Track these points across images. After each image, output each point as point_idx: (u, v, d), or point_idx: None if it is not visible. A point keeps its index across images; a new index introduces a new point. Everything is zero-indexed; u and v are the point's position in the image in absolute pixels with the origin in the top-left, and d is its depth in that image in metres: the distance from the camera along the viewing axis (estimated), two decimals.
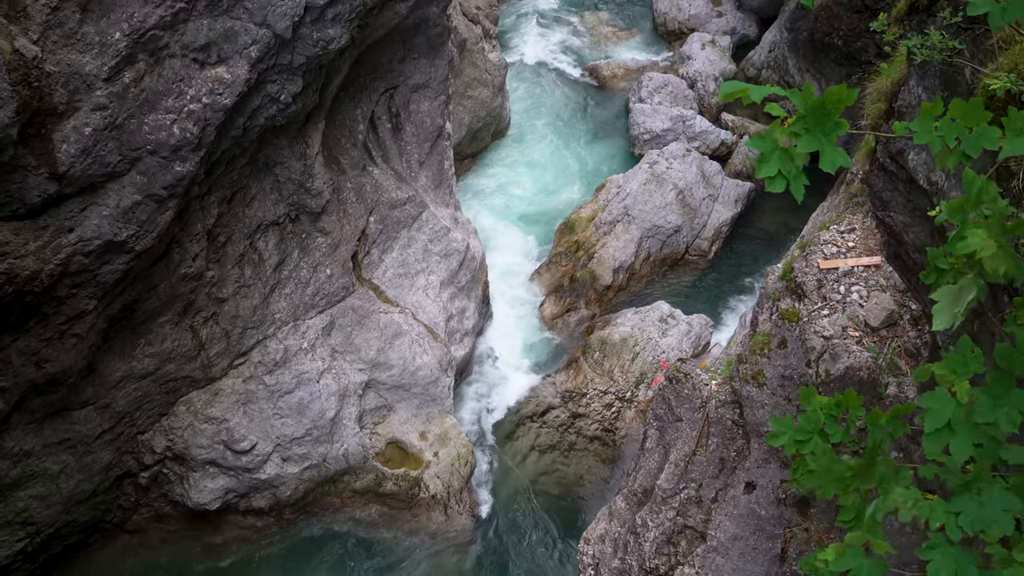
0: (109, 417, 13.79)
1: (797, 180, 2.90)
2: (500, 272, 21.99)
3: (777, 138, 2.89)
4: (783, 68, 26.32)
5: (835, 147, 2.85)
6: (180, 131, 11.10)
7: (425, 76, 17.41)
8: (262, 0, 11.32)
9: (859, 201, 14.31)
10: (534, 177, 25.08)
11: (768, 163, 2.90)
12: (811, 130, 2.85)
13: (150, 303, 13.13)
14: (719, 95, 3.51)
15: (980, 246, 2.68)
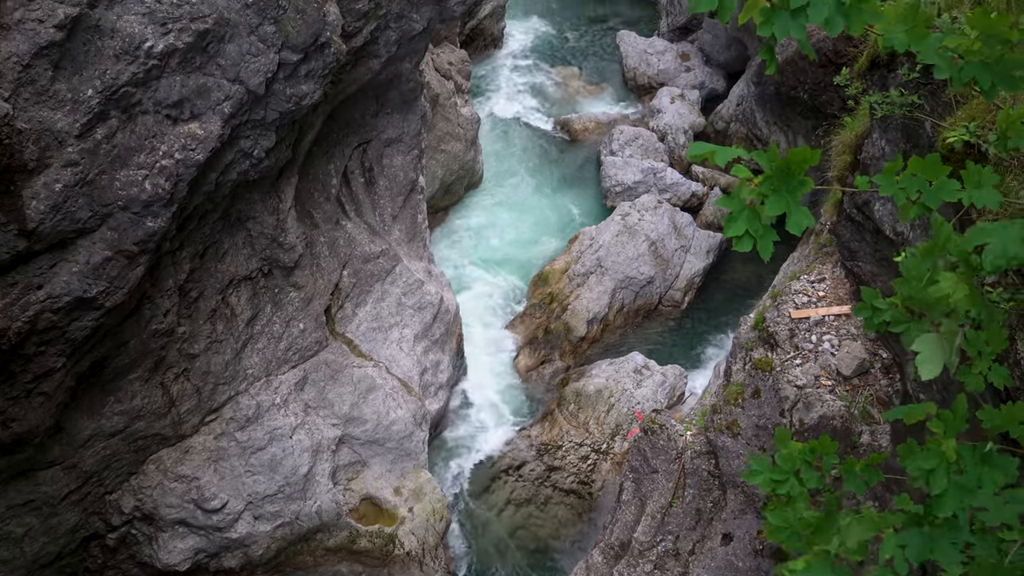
0: (76, 477, 13.53)
1: (764, 239, 2.95)
2: (474, 324, 21.97)
3: (744, 198, 2.95)
4: (751, 121, 26.77)
5: (800, 208, 2.91)
6: (152, 187, 11.08)
7: (398, 131, 17.55)
8: (235, 57, 11.40)
9: (828, 251, 14.48)
10: (507, 230, 25.21)
11: (736, 222, 2.96)
12: (777, 191, 2.91)
13: (120, 360, 12.98)
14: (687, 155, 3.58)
15: (952, 289, 2.73)
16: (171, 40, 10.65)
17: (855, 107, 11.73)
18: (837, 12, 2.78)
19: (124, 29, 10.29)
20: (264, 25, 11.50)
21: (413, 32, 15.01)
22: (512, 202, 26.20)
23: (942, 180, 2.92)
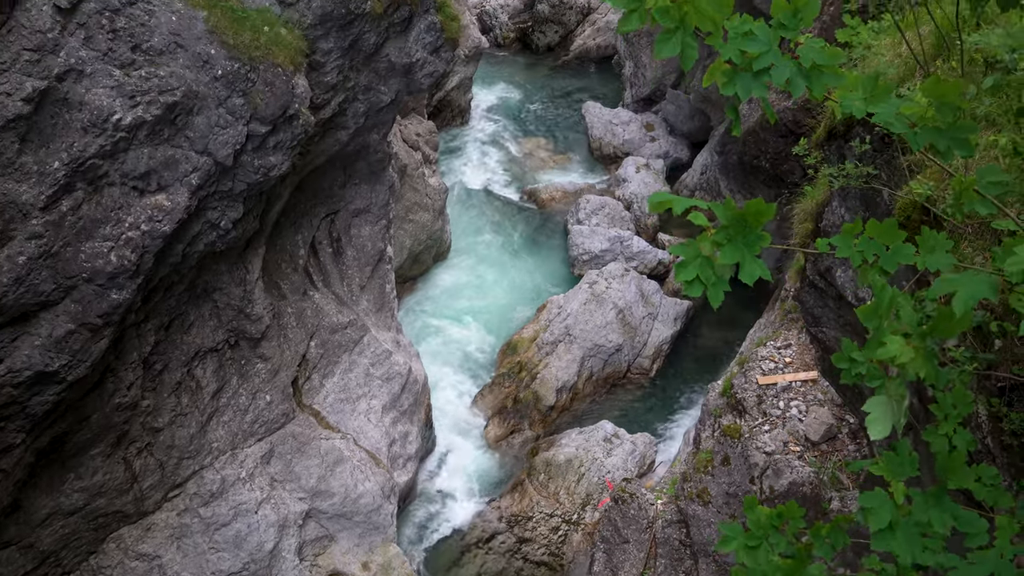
0: (33, 558, 13.12)
1: (716, 287, 3.00)
2: (443, 395, 21.84)
3: (700, 247, 3.01)
4: (715, 189, 27.23)
5: (755, 260, 2.96)
6: (117, 259, 11.01)
7: (366, 201, 17.63)
8: (204, 129, 11.46)
9: (793, 317, 14.65)
10: (476, 299, 25.25)
11: (687, 268, 3.02)
12: (733, 240, 2.97)
13: (82, 435, 12.73)
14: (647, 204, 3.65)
15: (899, 352, 2.77)
16: (139, 113, 10.70)
17: (815, 176, 11.99)
18: (798, 75, 2.87)
19: (92, 102, 10.34)
20: (233, 98, 11.60)
21: (381, 104, 15.20)
22: (480, 271, 26.30)
23: (898, 244, 3.00)
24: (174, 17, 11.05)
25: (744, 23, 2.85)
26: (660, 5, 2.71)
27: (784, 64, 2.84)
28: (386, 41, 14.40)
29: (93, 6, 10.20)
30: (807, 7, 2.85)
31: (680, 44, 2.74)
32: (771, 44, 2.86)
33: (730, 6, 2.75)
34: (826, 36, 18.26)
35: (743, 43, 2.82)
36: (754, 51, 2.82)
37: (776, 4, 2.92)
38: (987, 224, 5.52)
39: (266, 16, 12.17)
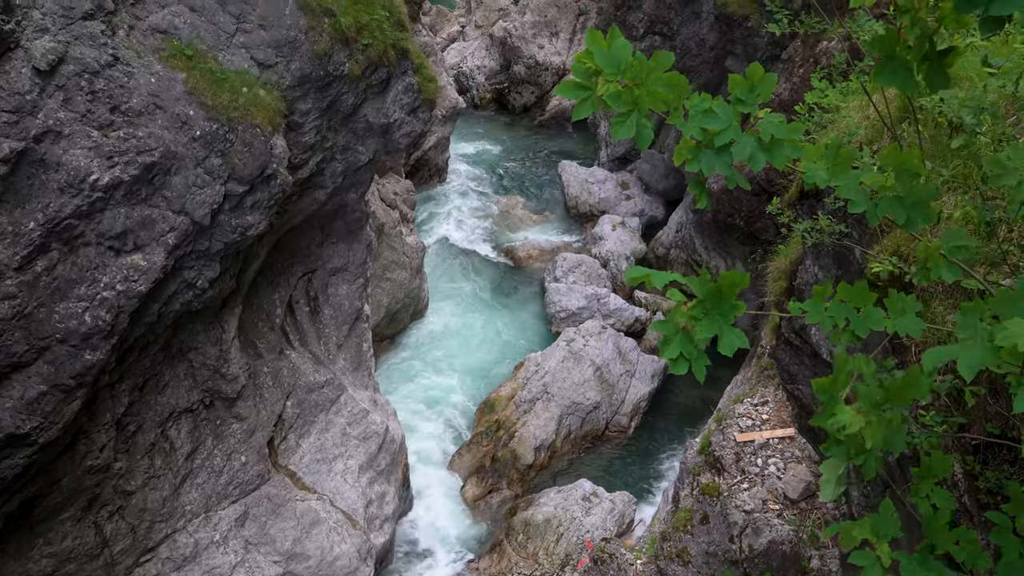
0: None
1: (699, 361, 3.03)
2: (421, 454, 21.65)
3: (678, 322, 3.04)
4: (690, 247, 27.47)
5: (733, 329, 3.00)
6: (92, 319, 10.93)
7: (343, 260, 17.66)
8: (181, 189, 11.49)
9: (770, 374, 14.71)
10: (453, 357, 25.19)
11: (671, 345, 3.04)
12: (709, 314, 3.01)
13: (52, 498, 12.49)
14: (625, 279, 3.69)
15: (849, 422, 2.81)
16: (117, 173, 10.72)
17: (788, 234, 12.14)
18: (759, 149, 2.94)
19: (70, 163, 10.36)
20: (211, 158, 11.66)
21: (359, 163, 15.31)
22: (457, 329, 26.28)
23: (868, 309, 3.05)
24: (153, 79, 11.14)
25: (704, 101, 2.93)
26: (611, 92, 2.77)
27: (745, 140, 2.92)
28: (364, 102, 14.56)
29: (72, 68, 10.27)
30: (763, 83, 2.93)
31: (635, 126, 2.80)
32: (731, 120, 2.93)
33: (686, 87, 2.82)
34: (796, 97, 18.65)
35: (704, 121, 2.89)
36: (715, 128, 2.90)
37: (733, 81, 3.01)
38: (958, 282, 5.61)
39: (245, 78, 12.30)
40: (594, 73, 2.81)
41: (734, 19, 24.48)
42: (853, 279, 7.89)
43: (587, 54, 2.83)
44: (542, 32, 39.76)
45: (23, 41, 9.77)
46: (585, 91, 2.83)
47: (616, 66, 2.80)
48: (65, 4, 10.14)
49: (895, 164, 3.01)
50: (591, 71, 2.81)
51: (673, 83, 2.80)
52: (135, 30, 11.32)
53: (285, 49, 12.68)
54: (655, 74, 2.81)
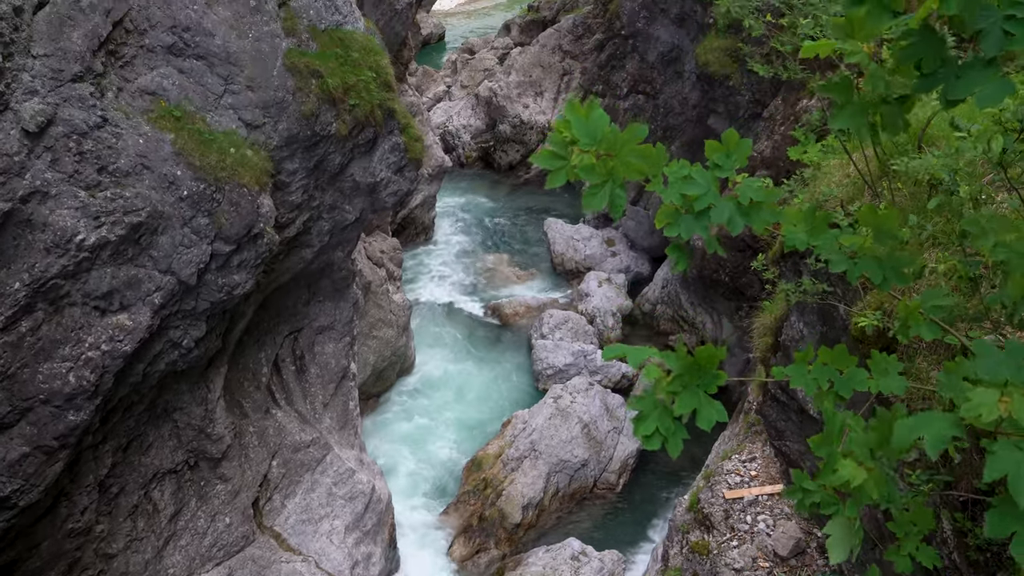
0: None
1: (675, 437, 3.06)
2: (407, 513, 21.40)
3: (657, 397, 3.07)
4: (676, 303, 27.57)
5: (712, 402, 3.03)
6: (76, 379, 10.86)
7: (330, 318, 17.64)
8: (168, 248, 11.51)
9: (757, 430, 14.69)
10: (440, 415, 25.04)
11: (646, 421, 3.07)
12: (688, 387, 3.04)
13: (31, 563, 12.26)
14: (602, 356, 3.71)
15: (852, 476, 2.82)
16: (103, 233, 10.74)
17: (773, 290, 12.23)
18: (737, 213, 3.01)
19: (56, 223, 10.37)
20: (198, 217, 11.70)
21: (346, 222, 15.39)
22: (444, 387, 26.17)
23: (851, 370, 3.09)
24: (141, 140, 11.23)
25: (682, 168, 2.99)
26: (585, 163, 2.83)
27: (723, 204, 2.98)
28: (351, 161, 14.69)
29: (61, 129, 10.35)
30: (739, 148, 3.00)
31: (608, 196, 2.85)
32: (710, 186, 3.00)
33: (662, 157, 2.88)
34: (779, 155, 18.93)
35: (683, 187, 2.95)
36: (694, 193, 2.96)
37: (710, 146, 3.08)
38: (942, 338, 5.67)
39: (232, 138, 12.41)
40: (570, 142, 2.86)
41: (716, 78, 24.89)
42: (838, 335, 7.96)
43: (565, 123, 2.89)
44: (527, 92, 40.30)
45: (12, 103, 9.85)
46: (561, 160, 2.89)
47: (592, 137, 2.86)
48: (55, 67, 10.24)
49: (873, 224, 3.07)
50: (567, 140, 2.87)
51: (647, 154, 2.85)
52: (124, 91, 11.44)
53: (273, 110, 12.82)
54: (629, 145, 2.87)
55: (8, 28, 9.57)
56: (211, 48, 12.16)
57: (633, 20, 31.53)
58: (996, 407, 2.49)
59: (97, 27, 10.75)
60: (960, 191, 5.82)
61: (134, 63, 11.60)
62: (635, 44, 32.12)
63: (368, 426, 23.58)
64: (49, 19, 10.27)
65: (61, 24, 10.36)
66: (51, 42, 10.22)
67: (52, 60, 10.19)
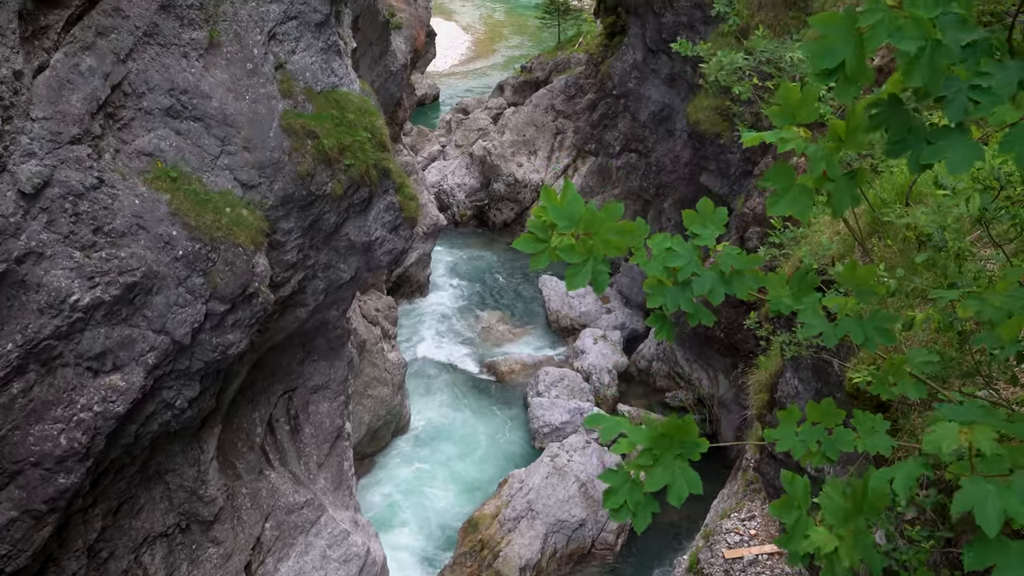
0: None
1: (643, 511, 3.05)
2: (403, 575, 21.08)
3: (629, 472, 3.07)
4: (672, 359, 27.52)
5: (687, 472, 3.03)
6: (68, 441, 10.76)
7: (325, 377, 17.57)
8: (162, 308, 11.50)
9: (756, 488, 14.57)
10: (436, 475, 24.83)
11: (615, 495, 3.07)
12: (660, 461, 3.04)
13: None
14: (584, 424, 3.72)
15: (823, 543, 2.80)
16: (98, 293, 10.74)
17: (768, 346, 12.22)
18: (719, 283, 3.04)
19: (51, 283, 10.37)
20: (193, 277, 11.72)
21: (341, 281, 15.41)
22: (440, 446, 25.98)
23: (838, 430, 3.09)
24: (137, 200, 11.29)
25: (664, 240, 3.04)
26: (564, 245, 2.88)
27: (705, 274, 3.03)
28: (346, 220, 14.76)
29: (57, 191, 10.40)
30: (715, 217, 3.05)
31: (590, 274, 2.90)
32: (691, 257, 3.04)
33: (642, 230, 2.93)
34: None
35: (666, 259, 3.00)
36: (676, 265, 3.00)
37: (688, 217, 3.13)
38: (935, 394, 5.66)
39: (228, 198, 12.49)
40: (550, 226, 2.92)
41: (707, 136, 25.18)
42: (833, 391, 7.95)
43: (542, 209, 2.96)
44: (521, 151, 40.70)
45: (9, 165, 9.91)
46: (541, 243, 2.95)
47: (569, 219, 2.93)
48: (53, 129, 10.34)
49: (853, 282, 3.10)
50: (547, 224, 2.93)
51: (626, 230, 2.91)
52: (121, 153, 11.54)
53: (268, 170, 12.92)
54: (607, 223, 2.93)
55: (8, 92, 9.68)
56: (208, 110, 12.30)
57: (624, 80, 31.98)
58: (956, 438, 2.57)
59: (96, 90, 10.88)
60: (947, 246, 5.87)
61: (132, 125, 11.72)
62: (627, 104, 32.54)
63: (363, 486, 23.34)
64: (49, 83, 10.39)
65: (60, 87, 10.49)
66: (50, 105, 10.33)
67: (51, 123, 10.29)
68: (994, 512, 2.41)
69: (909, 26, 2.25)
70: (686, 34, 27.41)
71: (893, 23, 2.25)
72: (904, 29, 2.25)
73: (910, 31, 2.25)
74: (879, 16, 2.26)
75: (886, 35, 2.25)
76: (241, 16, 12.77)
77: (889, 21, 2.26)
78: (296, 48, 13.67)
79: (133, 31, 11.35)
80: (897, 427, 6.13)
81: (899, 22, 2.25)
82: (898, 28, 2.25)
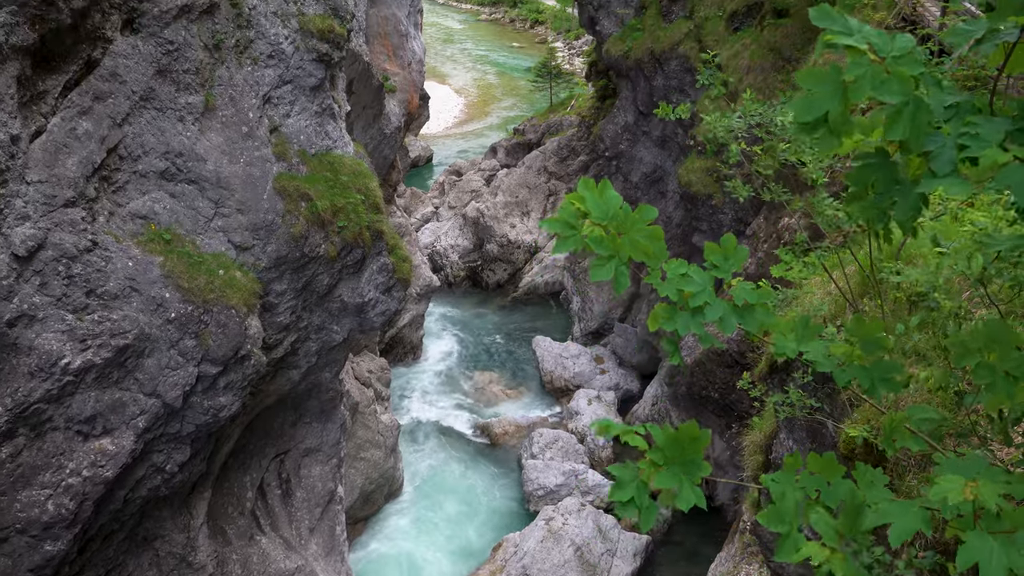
0: None
1: (648, 512, 3.03)
2: None
3: (638, 469, 3.07)
4: (667, 420, 27.38)
5: (692, 486, 3.02)
6: (55, 507, 10.61)
7: (317, 440, 17.41)
8: (154, 371, 11.43)
9: (753, 551, 14.39)
10: (429, 539, 24.47)
11: (624, 489, 3.05)
12: (669, 464, 3.04)
13: None
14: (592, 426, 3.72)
15: (815, 555, 2.78)
16: (89, 356, 10.69)
17: (762, 407, 12.18)
18: (731, 313, 3.06)
19: (42, 346, 10.32)
20: (185, 339, 11.68)
21: (333, 343, 15.37)
22: (433, 510, 25.65)
23: (837, 480, 3.08)
24: (130, 263, 11.30)
25: (681, 266, 3.07)
26: (595, 235, 2.91)
27: (717, 303, 3.06)
28: (339, 282, 14.79)
29: (51, 254, 10.41)
30: (736, 254, 3.08)
31: (614, 269, 2.92)
32: (706, 285, 3.07)
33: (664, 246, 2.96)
34: (762, 272, 19.16)
35: (680, 283, 3.03)
36: (691, 290, 3.03)
37: (709, 249, 3.17)
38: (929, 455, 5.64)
39: (221, 260, 12.51)
40: (582, 215, 2.95)
41: (698, 197, 25.40)
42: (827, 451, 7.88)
43: (578, 196, 2.98)
44: (514, 212, 40.99)
45: (3, 228, 9.93)
46: (571, 229, 2.96)
47: (604, 212, 2.95)
48: (48, 192, 10.38)
49: (860, 335, 3.12)
50: (580, 212, 2.95)
51: (654, 236, 2.94)
52: (115, 215, 11.58)
53: (262, 232, 12.97)
54: (638, 225, 2.95)
55: (4, 156, 9.74)
56: (203, 173, 12.38)
57: (616, 142, 32.37)
58: (961, 492, 2.56)
59: (92, 154, 10.96)
60: (942, 307, 5.90)
61: (126, 188, 11.79)
62: (619, 165, 32.88)
63: (355, 551, 22.98)
64: (45, 147, 10.47)
65: (57, 151, 10.56)
66: (46, 168, 10.39)
67: (46, 186, 10.34)
68: (999, 567, 2.39)
69: (892, 81, 2.30)
70: (676, 97, 27.83)
71: (877, 77, 2.30)
72: (888, 84, 2.30)
73: (892, 86, 2.30)
74: (864, 69, 2.31)
75: (870, 87, 2.30)
76: (237, 80, 12.94)
77: (873, 74, 2.31)
78: (291, 111, 13.84)
79: (130, 95, 11.48)
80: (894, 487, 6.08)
81: (883, 76, 2.30)
82: (882, 82, 2.30)
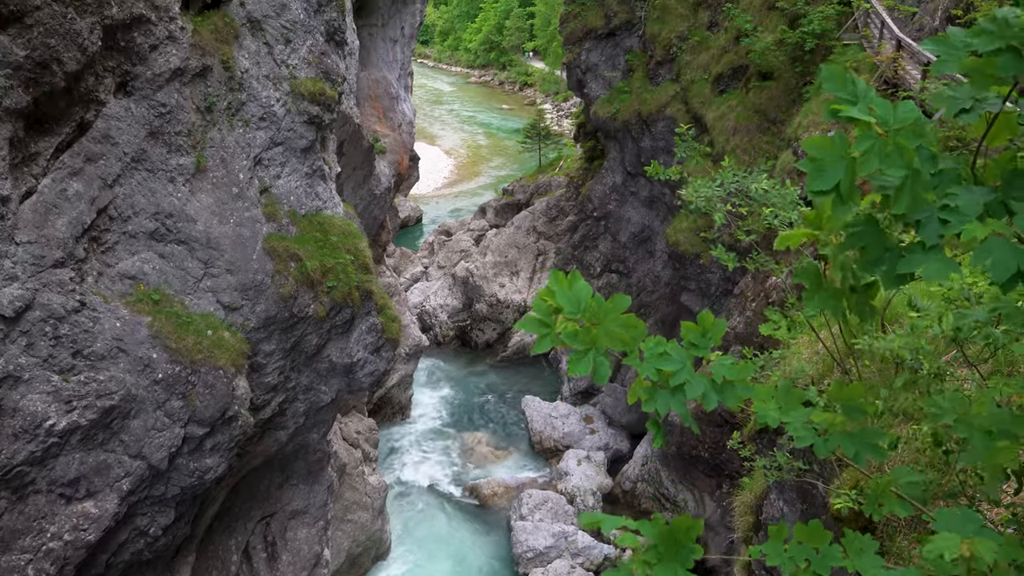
0: None
1: None
2: None
3: (633, 569, 3.03)
4: (657, 480, 27.17)
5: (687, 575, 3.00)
6: (35, 572, 10.41)
7: (304, 502, 17.21)
8: (139, 432, 11.33)
9: None
10: None
11: None
12: (663, 559, 3.01)
13: None
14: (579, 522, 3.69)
15: None
16: (74, 418, 10.59)
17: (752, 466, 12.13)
18: (712, 390, 3.07)
19: (27, 408, 10.23)
20: (172, 400, 11.60)
21: (321, 403, 15.29)
22: (421, 573, 25.27)
23: (826, 548, 3.07)
24: (118, 323, 11.27)
25: (659, 344, 3.09)
26: (569, 330, 2.93)
27: (698, 380, 3.07)
28: (328, 342, 14.76)
29: (38, 314, 10.37)
30: (714, 329, 3.11)
31: (592, 362, 2.93)
32: (685, 362, 3.09)
33: (642, 330, 2.98)
34: (751, 330, 19.22)
35: (659, 362, 3.04)
36: (670, 369, 3.04)
37: (686, 327, 3.20)
38: (919, 517, 5.63)
39: (210, 320, 12.49)
40: (555, 311, 2.96)
41: (686, 257, 25.58)
42: (818, 513, 7.86)
43: (549, 292, 3.00)
44: (503, 271, 41.13)
45: None
46: (546, 327, 2.97)
47: (576, 306, 2.97)
48: (37, 253, 10.38)
49: (841, 400, 3.14)
50: (552, 308, 2.96)
51: (629, 324, 2.95)
52: (104, 276, 11.57)
53: (251, 292, 12.97)
54: (612, 315, 2.97)
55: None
56: (192, 233, 12.42)
57: (605, 203, 32.68)
58: (957, 548, 2.57)
59: (82, 215, 10.99)
60: (924, 368, 5.95)
61: (116, 248, 11.80)
62: (607, 225, 33.15)
63: None
64: (36, 207, 10.49)
65: (47, 212, 10.59)
66: (35, 229, 10.40)
67: (35, 247, 10.34)
68: None
69: (895, 154, 2.39)
70: (663, 158, 28.19)
71: (883, 150, 2.39)
72: (891, 157, 2.38)
73: (896, 160, 2.38)
74: (871, 143, 2.40)
75: (878, 161, 2.39)
76: (228, 142, 13.06)
77: (879, 148, 2.39)
78: (281, 173, 13.94)
79: (121, 157, 11.55)
80: (884, 550, 6.04)
81: (888, 149, 2.39)
82: (887, 156, 2.38)
